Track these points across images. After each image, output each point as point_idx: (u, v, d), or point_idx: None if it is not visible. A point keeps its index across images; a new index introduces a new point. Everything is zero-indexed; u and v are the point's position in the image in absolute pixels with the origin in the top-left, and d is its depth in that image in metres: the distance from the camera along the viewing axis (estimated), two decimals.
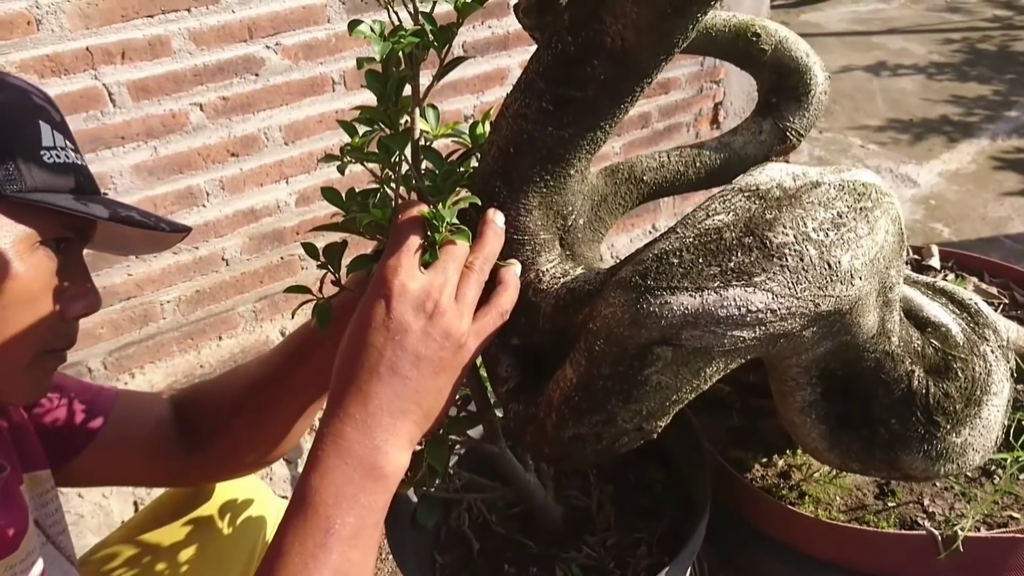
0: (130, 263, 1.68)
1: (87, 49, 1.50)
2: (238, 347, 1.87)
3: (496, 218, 0.72)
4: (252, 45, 1.67)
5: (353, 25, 0.68)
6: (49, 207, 0.66)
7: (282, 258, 1.87)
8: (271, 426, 0.93)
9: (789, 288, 0.62)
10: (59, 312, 0.70)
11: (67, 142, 0.71)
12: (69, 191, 0.69)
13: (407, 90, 0.70)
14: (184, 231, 0.78)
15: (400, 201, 0.73)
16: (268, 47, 1.69)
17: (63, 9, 1.45)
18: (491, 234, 0.71)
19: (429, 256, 0.68)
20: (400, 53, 0.68)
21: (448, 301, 0.66)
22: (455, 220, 0.69)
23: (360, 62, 0.70)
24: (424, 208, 0.68)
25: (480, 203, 0.72)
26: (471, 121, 0.80)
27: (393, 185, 0.74)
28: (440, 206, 0.68)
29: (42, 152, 0.67)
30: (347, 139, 0.73)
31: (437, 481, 0.85)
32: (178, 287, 1.76)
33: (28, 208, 0.66)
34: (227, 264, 1.81)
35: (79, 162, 0.72)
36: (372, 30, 0.68)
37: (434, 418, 0.68)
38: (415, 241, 0.66)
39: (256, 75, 1.70)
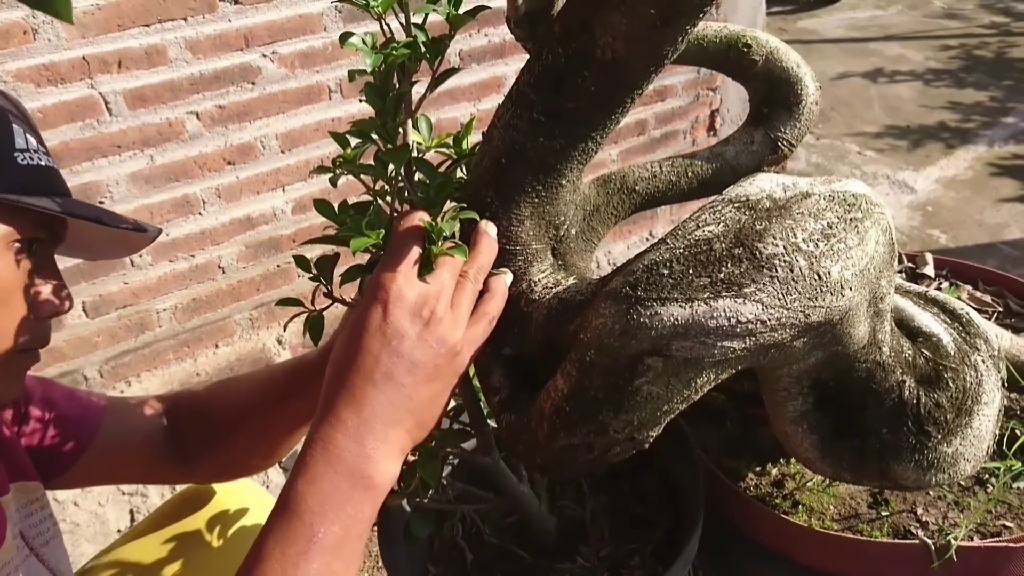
0: (126, 271, 1.68)
1: (83, 58, 1.51)
2: (234, 355, 1.87)
3: (489, 229, 0.72)
4: (248, 54, 1.68)
5: (345, 37, 0.68)
6: (25, 207, 0.67)
7: (278, 266, 1.87)
8: (269, 443, 0.94)
9: (779, 299, 0.62)
10: (32, 311, 0.71)
11: (39, 145, 0.72)
12: (43, 192, 0.70)
13: None
14: (154, 232, 0.78)
15: (397, 213, 0.74)
16: (264, 56, 1.70)
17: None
18: (485, 245, 0.71)
19: (426, 269, 0.68)
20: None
21: (444, 309, 0.66)
22: (453, 234, 0.69)
23: (352, 74, 0.70)
24: (425, 217, 0.68)
25: (478, 218, 0.72)
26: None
27: (388, 198, 0.75)
28: (439, 220, 0.68)
29: (16, 154, 0.68)
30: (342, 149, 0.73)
31: (430, 492, 0.85)
32: (174, 295, 1.76)
33: (3, 208, 0.67)
34: (223, 272, 1.81)
35: (51, 165, 0.73)
36: (364, 42, 0.68)
37: (426, 428, 0.68)
38: (414, 250, 0.67)
39: (252, 84, 1.70)
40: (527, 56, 0.73)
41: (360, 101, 0.73)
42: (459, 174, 0.78)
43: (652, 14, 0.61)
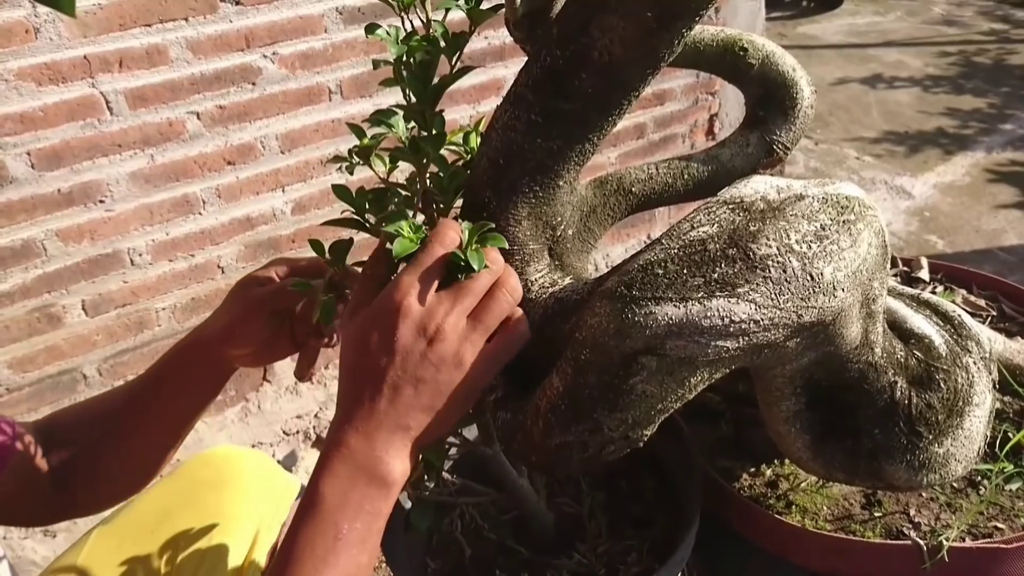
0: (126, 270, 1.69)
1: (85, 57, 1.52)
2: None
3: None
4: (249, 54, 1.69)
5: (371, 29, 0.70)
6: None
7: None
8: (151, 457, 0.93)
9: (772, 299, 0.63)
10: None
11: None
12: None
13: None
14: None
15: (421, 211, 0.75)
16: (265, 56, 1.71)
17: (61, 18, 1.46)
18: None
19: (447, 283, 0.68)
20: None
21: (453, 325, 0.66)
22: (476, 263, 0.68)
23: (376, 63, 0.72)
24: (457, 238, 0.68)
25: (506, 245, 0.72)
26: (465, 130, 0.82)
27: (403, 189, 0.76)
28: (467, 250, 0.67)
29: None
30: (343, 149, 0.74)
31: (431, 484, 0.86)
32: (174, 295, 1.77)
33: None
34: (223, 272, 1.82)
35: None
36: (388, 33, 0.70)
37: (432, 433, 0.69)
38: (434, 262, 0.67)
39: (253, 84, 1.71)
40: (526, 59, 0.74)
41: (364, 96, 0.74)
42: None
43: (649, 17, 0.62)
